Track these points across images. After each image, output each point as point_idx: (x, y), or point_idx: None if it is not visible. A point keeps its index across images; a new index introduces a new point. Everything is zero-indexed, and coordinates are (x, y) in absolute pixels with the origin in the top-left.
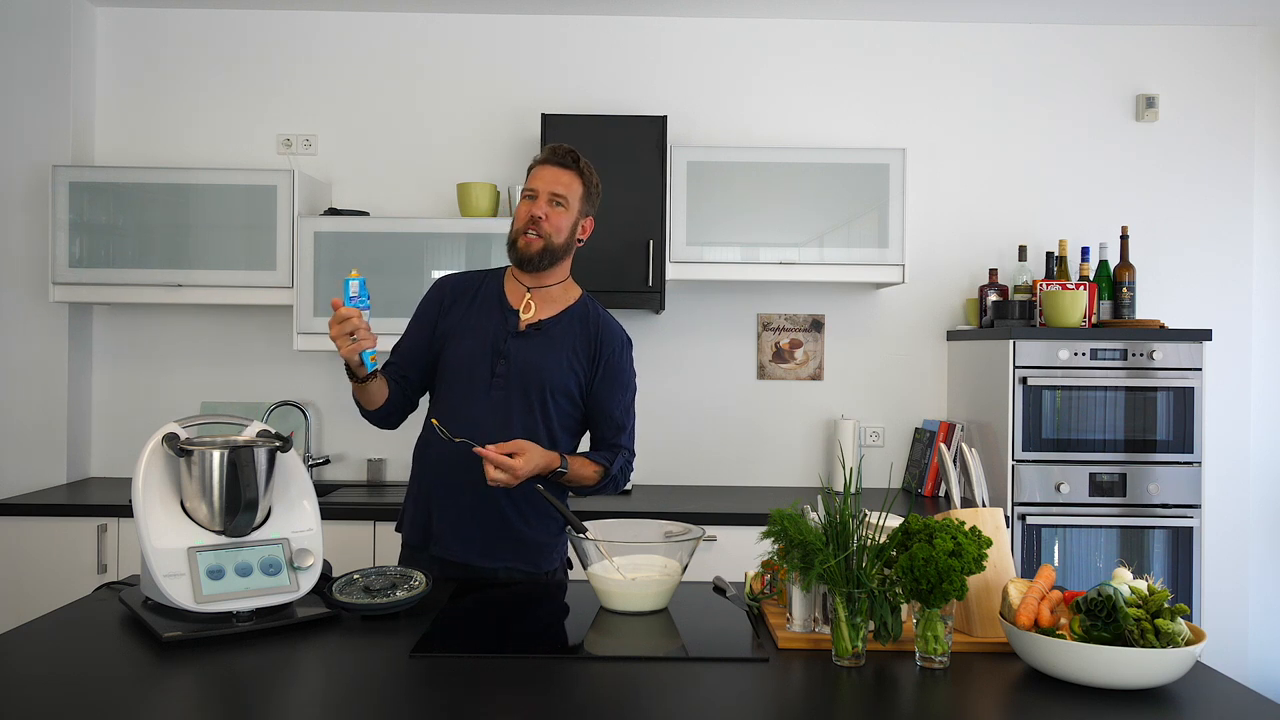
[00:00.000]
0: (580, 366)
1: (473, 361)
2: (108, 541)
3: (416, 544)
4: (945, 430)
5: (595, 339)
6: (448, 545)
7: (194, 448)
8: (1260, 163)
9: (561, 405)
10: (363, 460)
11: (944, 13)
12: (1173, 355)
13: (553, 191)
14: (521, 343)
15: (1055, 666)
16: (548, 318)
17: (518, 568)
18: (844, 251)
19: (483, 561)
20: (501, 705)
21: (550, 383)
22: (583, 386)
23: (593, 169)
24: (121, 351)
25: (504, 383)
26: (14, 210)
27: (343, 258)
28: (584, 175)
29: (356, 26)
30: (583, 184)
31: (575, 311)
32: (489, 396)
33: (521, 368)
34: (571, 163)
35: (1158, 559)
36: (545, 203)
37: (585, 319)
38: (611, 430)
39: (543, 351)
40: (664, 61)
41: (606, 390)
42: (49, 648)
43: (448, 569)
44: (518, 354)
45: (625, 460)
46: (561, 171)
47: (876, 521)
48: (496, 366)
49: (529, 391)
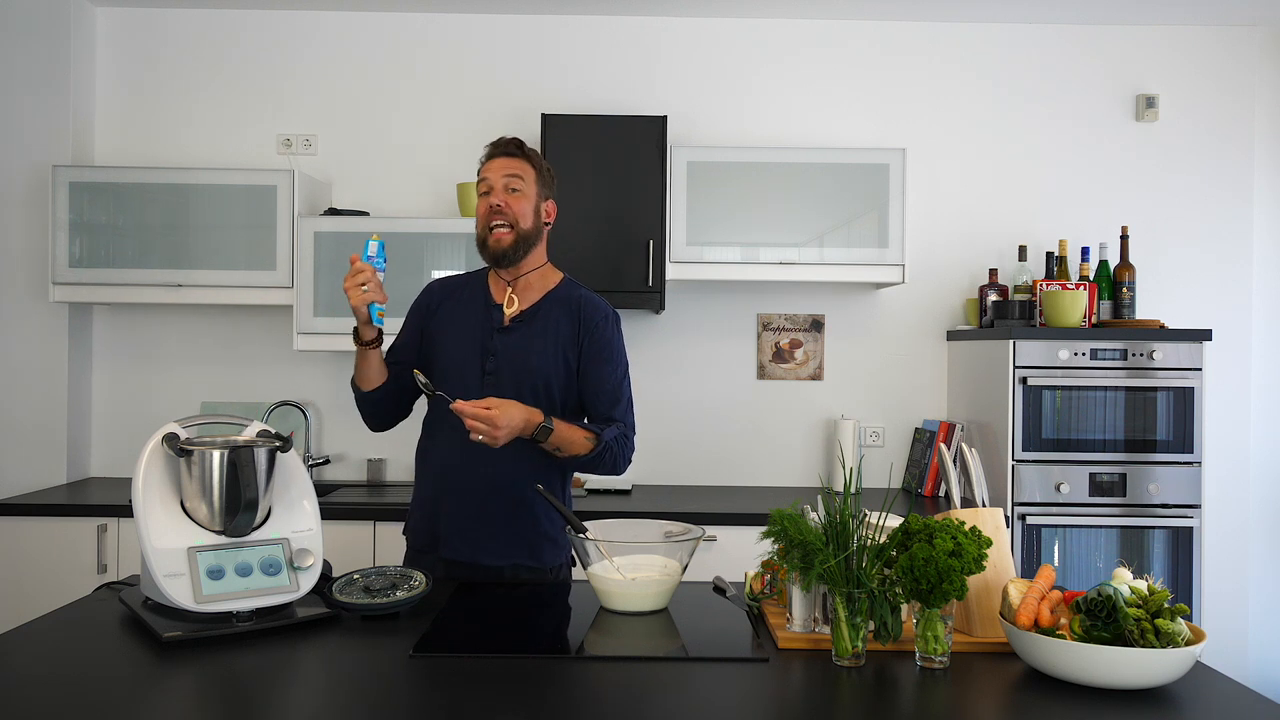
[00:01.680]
0: (567, 348)
1: (463, 361)
2: (108, 541)
3: (423, 547)
4: (945, 430)
5: (578, 318)
6: (456, 547)
7: (194, 448)
8: (1260, 163)
9: (552, 393)
10: (363, 460)
11: (944, 13)
12: (1173, 355)
13: (507, 177)
14: (507, 337)
15: (1055, 666)
16: (528, 307)
17: (524, 563)
18: (844, 251)
19: (489, 560)
20: (501, 705)
21: (541, 369)
22: (572, 369)
23: (539, 153)
24: (121, 351)
25: (495, 380)
26: (14, 210)
27: (343, 258)
28: (532, 160)
29: (356, 26)
30: (533, 168)
31: (557, 295)
32: (482, 394)
33: (511, 362)
34: (516, 149)
35: (1158, 559)
36: (502, 190)
37: (567, 302)
38: (605, 404)
39: (529, 342)
40: (664, 61)
41: (595, 366)
42: (49, 648)
43: (454, 569)
44: (505, 349)
45: (620, 432)
46: (509, 160)
47: (876, 521)
48: (486, 364)
49: (521, 384)
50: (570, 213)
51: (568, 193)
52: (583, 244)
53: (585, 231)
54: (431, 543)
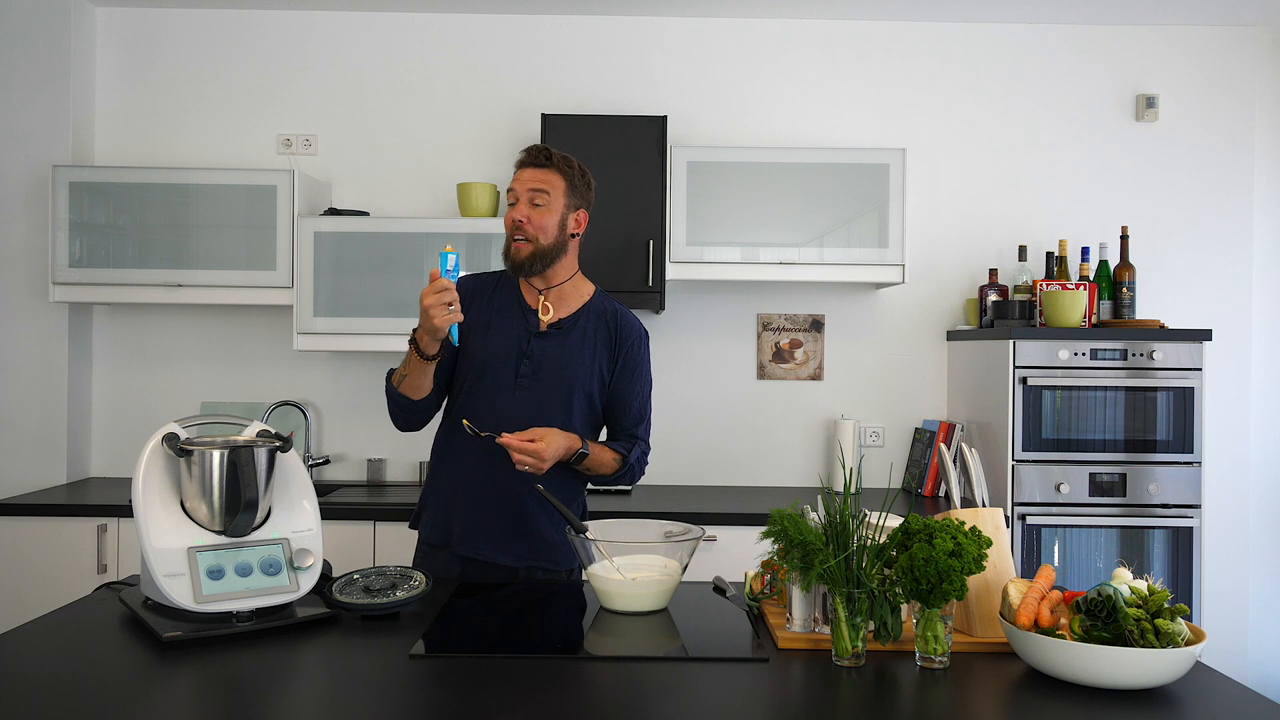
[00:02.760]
0: (603, 363)
1: (497, 361)
2: (108, 541)
3: (437, 542)
4: (945, 430)
5: (615, 333)
6: (471, 544)
7: (194, 448)
8: (1260, 163)
9: (582, 404)
10: (363, 460)
11: (944, 13)
12: (1173, 355)
13: (531, 190)
14: (544, 342)
15: (1055, 666)
16: (566, 316)
17: (539, 565)
18: (844, 251)
19: (504, 559)
20: (501, 705)
21: (577, 380)
22: (604, 384)
23: (573, 161)
24: (121, 351)
25: (529, 382)
26: (14, 210)
27: (343, 258)
28: (562, 169)
29: (356, 27)
30: (563, 178)
31: (592, 308)
32: (514, 396)
33: (547, 367)
34: (545, 159)
35: (1158, 559)
36: (526, 204)
37: (603, 315)
38: (631, 421)
39: (566, 350)
40: (664, 61)
41: (626, 383)
42: (49, 648)
43: (469, 567)
44: (541, 353)
45: (642, 451)
46: (538, 170)
47: (876, 521)
48: (521, 366)
49: (557, 389)
50: None
51: None
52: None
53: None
54: (445, 539)
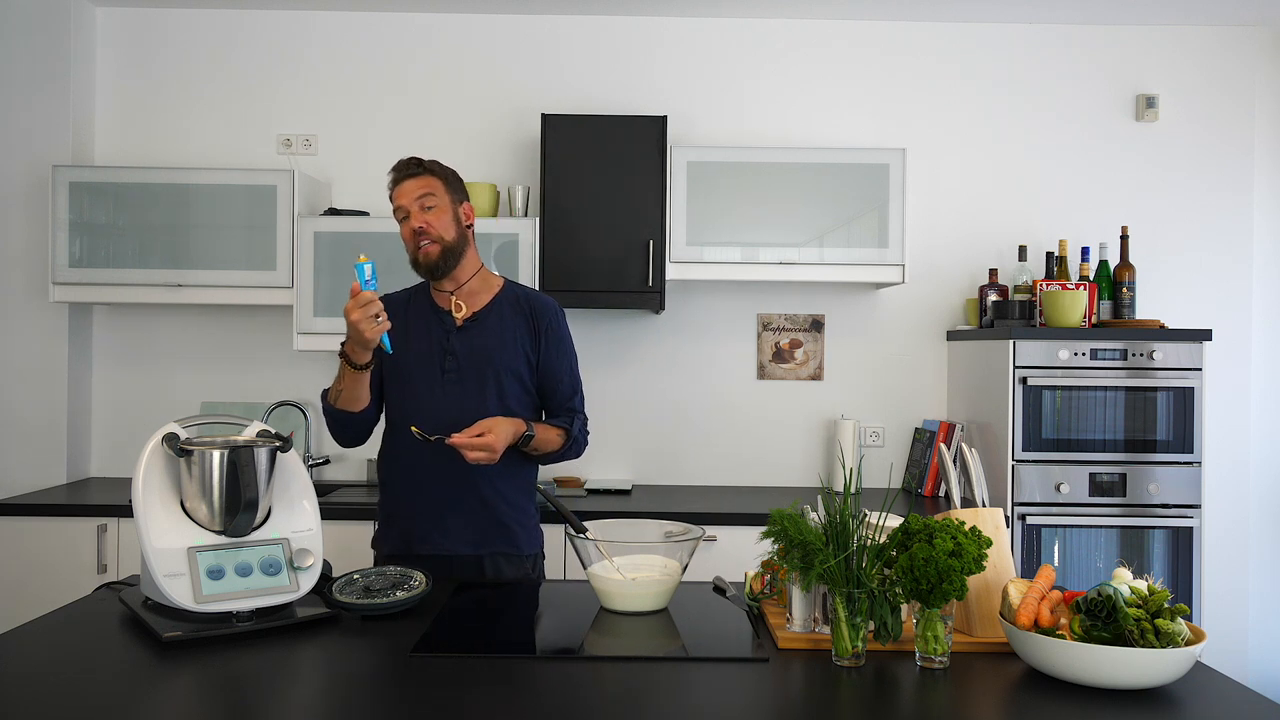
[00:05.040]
0: (526, 345)
1: (422, 363)
2: (108, 541)
3: (398, 553)
4: (945, 430)
5: (531, 315)
6: (433, 541)
7: (194, 448)
8: (1260, 163)
9: (514, 387)
10: (363, 460)
11: (944, 13)
12: (1173, 355)
13: (419, 198)
14: (464, 336)
15: (1055, 666)
16: (480, 309)
17: (501, 551)
18: (844, 251)
19: (465, 549)
20: (501, 705)
21: (501, 363)
22: (532, 364)
23: (438, 162)
24: (121, 351)
25: (456, 376)
26: (14, 210)
27: (343, 258)
28: (435, 171)
29: (356, 26)
30: (439, 178)
31: (505, 297)
32: (445, 391)
33: (470, 358)
34: (418, 168)
35: (1158, 559)
36: (419, 211)
37: (516, 301)
38: (565, 394)
39: (486, 339)
40: (664, 61)
41: (553, 358)
42: (49, 648)
43: (435, 566)
44: (463, 346)
45: (582, 423)
46: (415, 180)
47: (876, 521)
48: (446, 362)
49: (483, 377)
50: (570, 213)
51: (568, 192)
52: (583, 244)
53: (585, 231)
54: (404, 545)
